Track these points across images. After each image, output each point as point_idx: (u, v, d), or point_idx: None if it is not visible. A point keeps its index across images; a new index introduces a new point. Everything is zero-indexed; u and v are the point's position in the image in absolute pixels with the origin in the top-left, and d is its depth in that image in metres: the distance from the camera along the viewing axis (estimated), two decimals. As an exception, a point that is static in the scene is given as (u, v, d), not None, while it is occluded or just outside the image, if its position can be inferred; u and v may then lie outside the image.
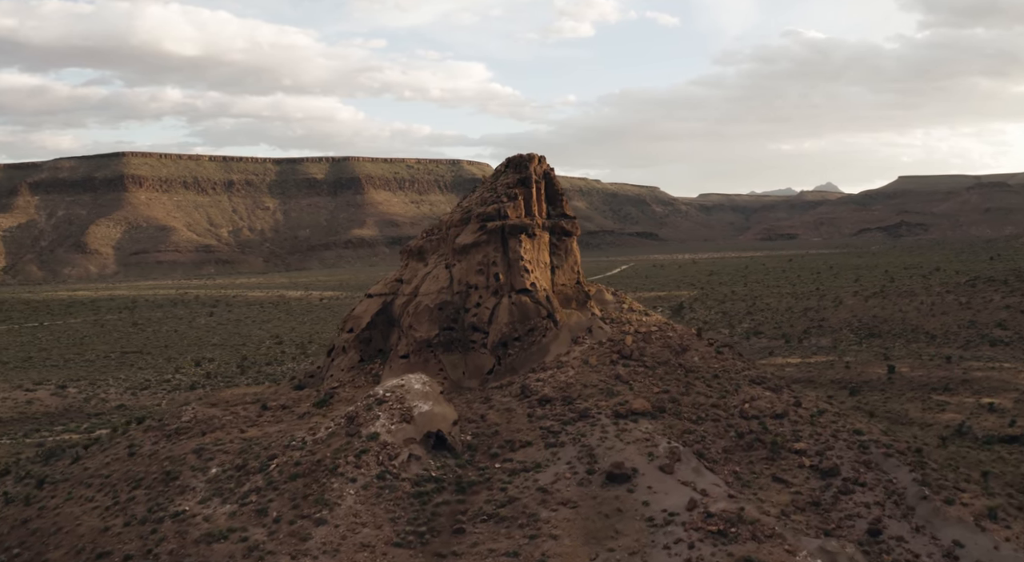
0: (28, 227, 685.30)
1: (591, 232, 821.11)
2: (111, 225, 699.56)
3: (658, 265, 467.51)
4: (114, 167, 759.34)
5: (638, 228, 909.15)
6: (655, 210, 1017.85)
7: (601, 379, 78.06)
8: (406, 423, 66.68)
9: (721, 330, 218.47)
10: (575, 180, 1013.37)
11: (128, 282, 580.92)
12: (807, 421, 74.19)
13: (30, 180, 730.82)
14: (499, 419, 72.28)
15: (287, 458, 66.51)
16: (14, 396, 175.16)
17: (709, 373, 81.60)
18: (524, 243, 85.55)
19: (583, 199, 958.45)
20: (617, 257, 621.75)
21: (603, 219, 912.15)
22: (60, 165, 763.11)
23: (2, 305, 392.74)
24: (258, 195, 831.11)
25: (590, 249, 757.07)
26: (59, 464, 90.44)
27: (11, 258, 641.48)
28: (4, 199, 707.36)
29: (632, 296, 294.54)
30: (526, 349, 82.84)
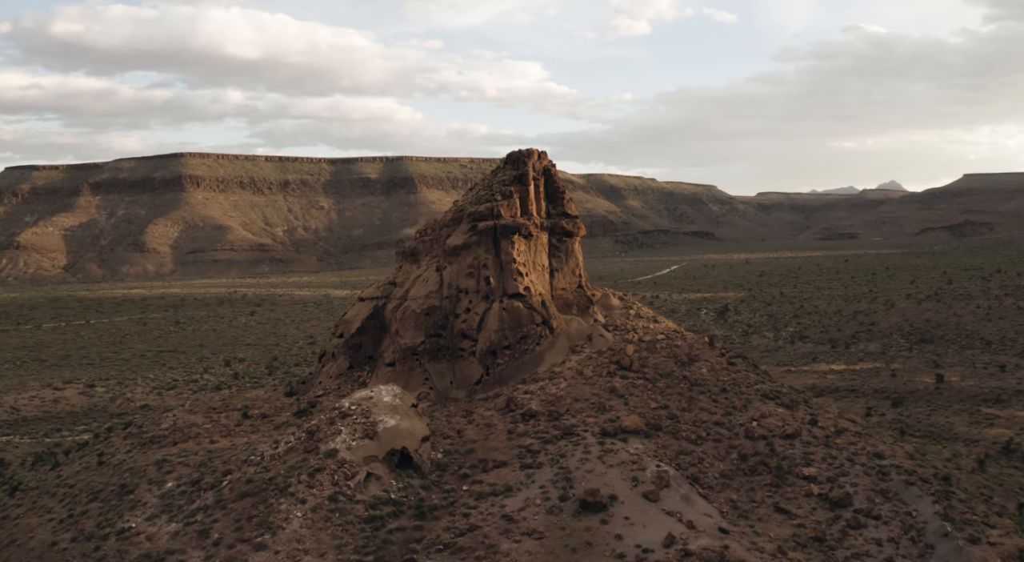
0: (89, 226, 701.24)
1: (645, 231, 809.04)
2: (169, 224, 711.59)
3: (710, 265, 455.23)
4: (172, 167, 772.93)
5: (694, 227, 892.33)
6: (712, 209, 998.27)
7: (594, 392, 71.48)
8: (368, 439, 61.10)
9: (765, 334, 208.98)
10: (630, 179, 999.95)
11: (183, 281, 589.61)
12: (821, 442, 66.55)
13: (92, 180, 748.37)
14: (477, 435, 66.25)
15: (241, 474, 61.61)
16: (42, 394, 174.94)
17: (717, 387, 74.33)
18: (518, 244, 79.32)
19: (638, 198, 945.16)
20: (670, 257, 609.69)
21: (658, 218, 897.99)
22: (121, 166, 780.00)
23: (56, 303, 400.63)
24: (313, 195, 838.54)
25: (644, 248, 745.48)
26: (40, 470, 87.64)
27: (72, 257, 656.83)
28: (67, 199, 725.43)
29: (677, 297, 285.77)
30: (517, 358, 76.62)
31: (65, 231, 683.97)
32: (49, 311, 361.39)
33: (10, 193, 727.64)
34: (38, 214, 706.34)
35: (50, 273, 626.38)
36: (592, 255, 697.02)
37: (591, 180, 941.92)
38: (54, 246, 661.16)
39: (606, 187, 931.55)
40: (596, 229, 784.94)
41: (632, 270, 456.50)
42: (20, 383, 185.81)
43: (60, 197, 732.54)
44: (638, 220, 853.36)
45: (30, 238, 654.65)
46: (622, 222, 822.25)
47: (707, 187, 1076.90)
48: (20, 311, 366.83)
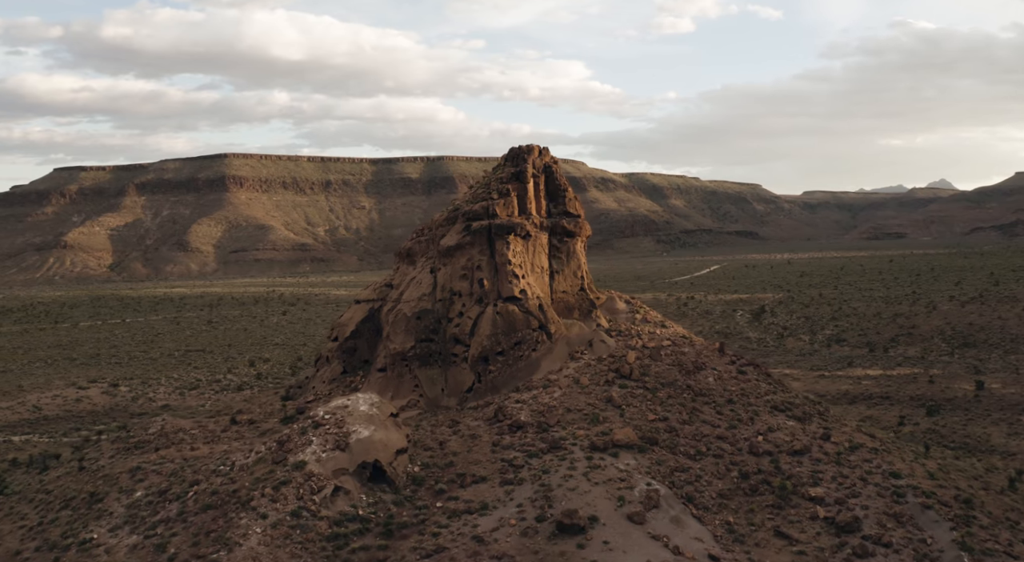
0: (134, 226, 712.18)
1: (687, 231, 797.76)
2: (212, 224, 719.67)
3: (750, 265, 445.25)
4: (216, 168, 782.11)
5: (737, 226, 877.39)
6: (756, 208, 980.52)
7: (589, 402, 67.06)
8: (340, 451, 57.51)
9: (801, 336, 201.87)
10: (673, 178, 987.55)
11: (225, 280, 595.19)
12: (832, 459, 61.32)
13: (137, 181, 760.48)
14: (460, 447, 62.27)
15: (208, 485, 58.51)
16: (66, 393, 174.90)
17: (723, 397, 69.35)
18: (514, 245, 75.12)
19: (680, 197, 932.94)
20: (712, 256, 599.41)
21: (701, 217, 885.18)
22: (165, 167, 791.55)
23: (97, 301, 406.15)
24: (354, 195, 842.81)
25: (686, 248, 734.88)
26: (30, 474, 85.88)
27: (118, 256, 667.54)
28: (113, 199, 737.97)
29: (712, 298, 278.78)
30: (511, 365, 72.43)
31: (111, 231, 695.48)
32: (89, 310, 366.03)
33: (58, 194, 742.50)
34: (85, 214, 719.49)
35: (96, 272, 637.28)
36: (633, 255, 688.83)
37: (633, 179, 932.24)
38: (100, 246, 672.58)
39: (648, 186, 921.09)
40: (637, 229, 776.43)
41: (671, 270, 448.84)
42: (46, 381, 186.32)
43: (106, 197, 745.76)
44: (681, 219, 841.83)
45: (77, 238, 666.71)
46: (664, 221, 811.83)
47: (752, 186, 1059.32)
48: (61, 309, 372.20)
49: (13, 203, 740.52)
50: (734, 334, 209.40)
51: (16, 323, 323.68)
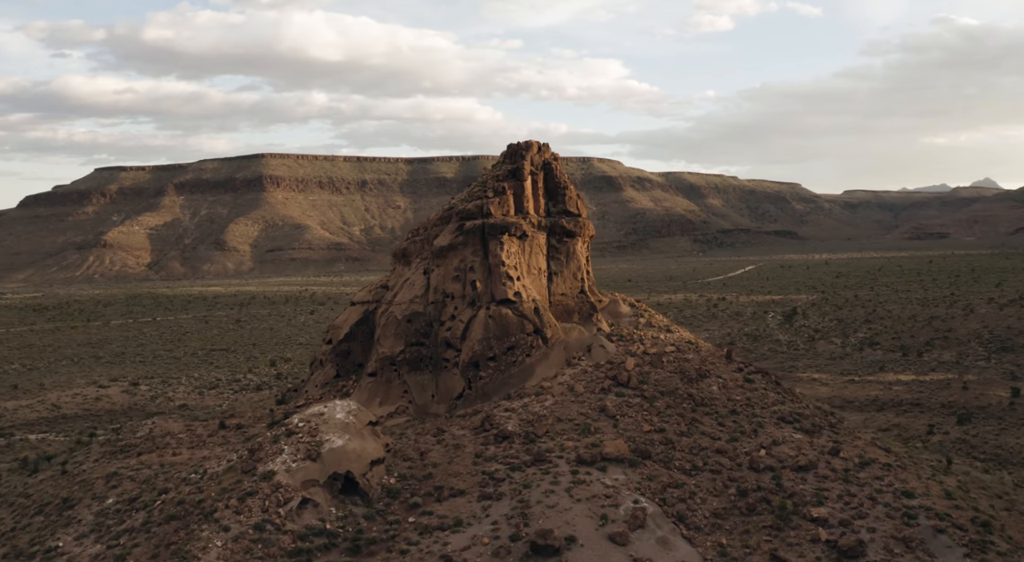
0: (173, 225, 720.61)
1: (725, 230, 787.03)
2: (249, 223, 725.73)
3: (787, 266, 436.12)
4: (254, 168, 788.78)
5: (776, 226, 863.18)
6: (795, 208, 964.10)
7: (582, 412, 63.38)
8: (311, 461, 54.60)
9: (833, 339, 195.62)
10: (711, 177, 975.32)
11: (260, 279, 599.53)
12: (840, 476, 56.96)
13: (176, 181, 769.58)
14: (441, 458, 59.01)
15: (175, 494, 56.01)
16: (86, 392, 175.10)
17: (726, 407, 65.22)
18: (508, 245, 71.63)
19: (718, 196, 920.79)
20: (749, 256, 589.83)
21: (739, 217, 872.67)
22: (204, 167, 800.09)
23: (133, 300, 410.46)
24: (390, 194, 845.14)
25: (723, 248, 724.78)
26: (21, 475, 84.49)
27: (156, 255, 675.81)
28: (152, 199, 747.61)
29: (744, 299, 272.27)
30: (503, 371, 68.98)
31: (150, 230, 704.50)
32: (122, 308, 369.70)
33: (99, 193, 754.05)
34: (125, 213, 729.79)
35: (135, 271, 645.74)
36: (668, 255, 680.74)
37: (670, 178, 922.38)
38: (139, 244, 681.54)
39: (685, 185, 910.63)
40: (674, 228, 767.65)
41: (705, 270, 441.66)
42: (68, 380, 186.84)
43: (146, 197, 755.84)
44: (718, 219, 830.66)
45: (116, 237, 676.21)
46: (701, 221, 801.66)
47: (791, 185, 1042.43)
48: (95, 307, 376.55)
49: (55, 203, 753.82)
50: (764, 336, 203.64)
51: (50, 321, 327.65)
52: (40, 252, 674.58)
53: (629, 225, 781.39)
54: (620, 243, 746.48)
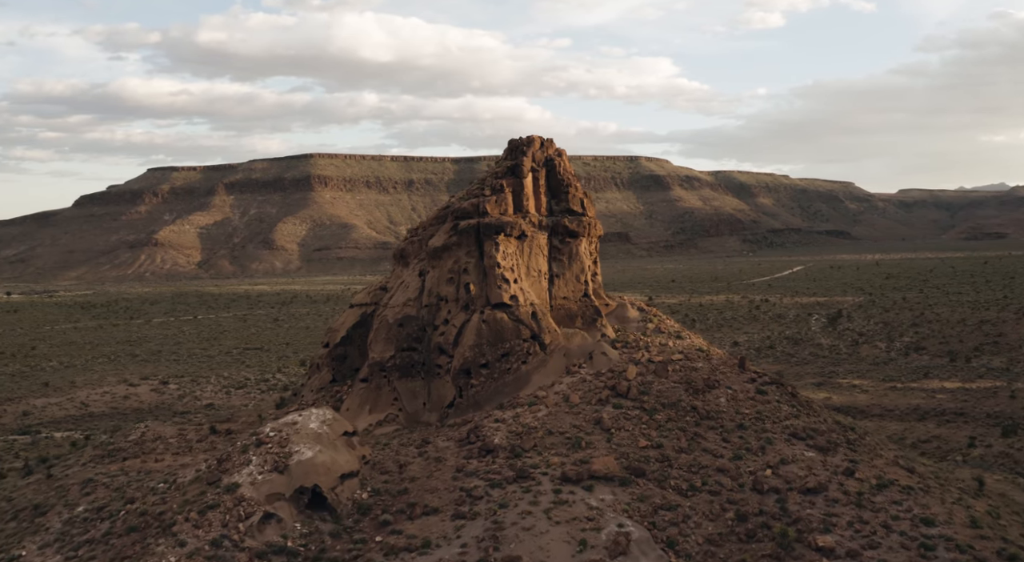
0: (223, 225, 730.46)
1: (775, 230, 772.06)
2: (297, 223, 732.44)
3: (836, 266, 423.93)
4: (302, 168, 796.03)
5: (828, 226, 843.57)
6: (848, 207, 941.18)
7: (575, 424, 59.16)
8: (278, 473, 51.41)
9: (877, 343, 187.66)
10: (761, 176, 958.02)
11: (307, 277, 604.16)
12: (852, 500, 51.88)
13: (226, 181, 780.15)
14: (420, 471, 55.37)
15: (140, 505, 53.36)
16: (116, 390, 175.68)
17: (733, 421, 60.39)
18: (504, 246, 67.64)
19: (769, 196, 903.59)
20: (799, 257, 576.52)
21: (790, 216, 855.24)
22: (253, 167, 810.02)
23: (179, 298, 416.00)
24: (436, 193, 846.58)
25: (773, 248, 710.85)
26: (16, 478, 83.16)
27: (206, 253, 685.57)
28: (203, 198, 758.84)
29: (788, 301, 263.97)
30: (497, 379, 65.03)
31: (200, 229, 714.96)
32: (167, 306, 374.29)
33: (151, 193, 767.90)
34: (176, 213, 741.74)
35: (185, 269, 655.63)
36: (716, 254, 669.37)
37: (719, 177, 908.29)
38: (189, 243, 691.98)
39: (735, 184, 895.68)
40: (722, 228, 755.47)
41: (752, 271, 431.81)
42: (99, 378, 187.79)
43: (197, 197, 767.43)
44: (768, 218, 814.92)
45: (167, 236, 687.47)
46: (751, 221, 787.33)
47: (844, 184, 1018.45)
48: (141, 305, 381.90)
49: (109, 202, 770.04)
50: (805, 340, 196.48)
51: (95, 318, 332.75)
52: (94, 250, 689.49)
53: (677, 224, 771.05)
54: (668, 243, 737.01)
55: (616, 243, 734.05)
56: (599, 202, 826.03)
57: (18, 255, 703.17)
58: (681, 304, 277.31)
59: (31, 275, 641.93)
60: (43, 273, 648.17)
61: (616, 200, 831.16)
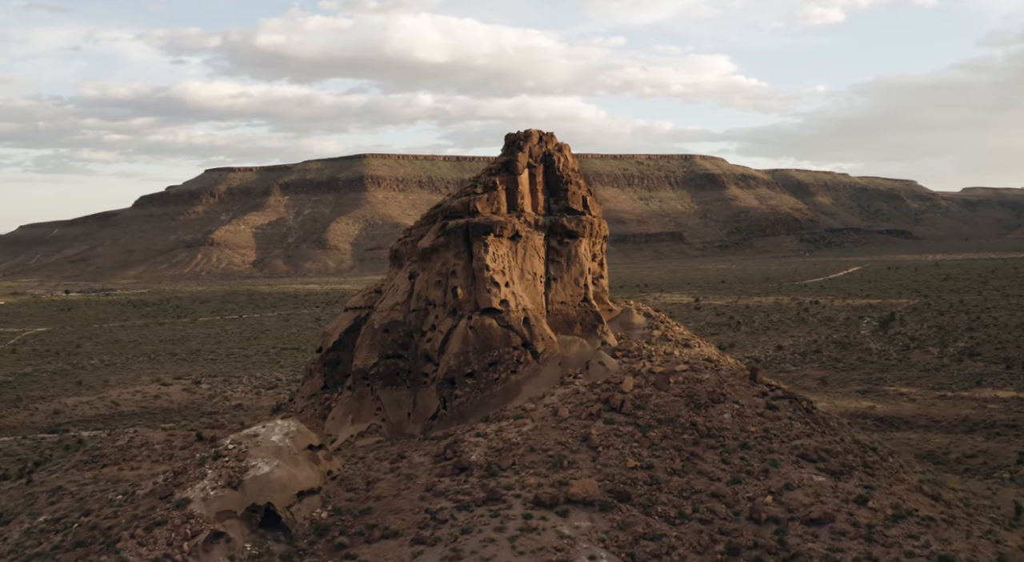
0: (277, 224, 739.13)
1: (833, 230, 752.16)
2: (350, 222, 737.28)
3: (893, 267, 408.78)
4: (356, 168, 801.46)
5: (889, 225, 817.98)
6: (910, 206, 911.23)
7: (561, 441, 54.49)
8: (231, 489, 47.97)
9: (930, 349, 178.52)
10: (820, 174, 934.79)
11: (359, 277, 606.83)
12: (861, 534, 46.22)
13: (281, 181, 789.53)
14: (388, 490, 51.38)
15: (94, 518, 50.53)
16: (148, 390, 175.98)
17: (736, 440, 55.02)
18: (494, 247, 63.22)
19: (828, 194, 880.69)
20: (857, 257, 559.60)
21: (849, 216, 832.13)
22: (308, 167, 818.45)
23: (229, 296, 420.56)
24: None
25: (831, 248, 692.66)
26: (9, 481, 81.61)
27: (261, 253, 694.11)
28: (258, 199, 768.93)
29: (839, 303, 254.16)
30: (483, 389, 60.68)
31: (255, 229, 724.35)
32: (215, 305, 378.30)
33: (208, 193, 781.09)
34: (232, 213, 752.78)
35: (240, 268, 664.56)
36: (772, 255, 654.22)
37: (776, 176, 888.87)
38: (245, 243, 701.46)
39: (793, 183, 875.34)
40: (779, 227, 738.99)
41: (806, 271, 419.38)
42: (134, 377, 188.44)
43: (252, 197, 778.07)
44: (827, 218, 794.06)
45: (223, 235, 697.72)
46: (808, 220, 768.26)
47: (905, 182, 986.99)
48: (191, 305, 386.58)
49: (167, 202, 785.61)
50: (853, 344, 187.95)
51: (143, 317, 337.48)
52: (152, 250, 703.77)
53: (732, 224, 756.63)
54: (722, 242, 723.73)
55: (669, 243, 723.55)
56: (652, 201, 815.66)
57: (79, 254, 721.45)
58: (727, 306, 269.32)
59: (91, 274, 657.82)
60: (103, 272, 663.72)
61: (670, 199, 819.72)
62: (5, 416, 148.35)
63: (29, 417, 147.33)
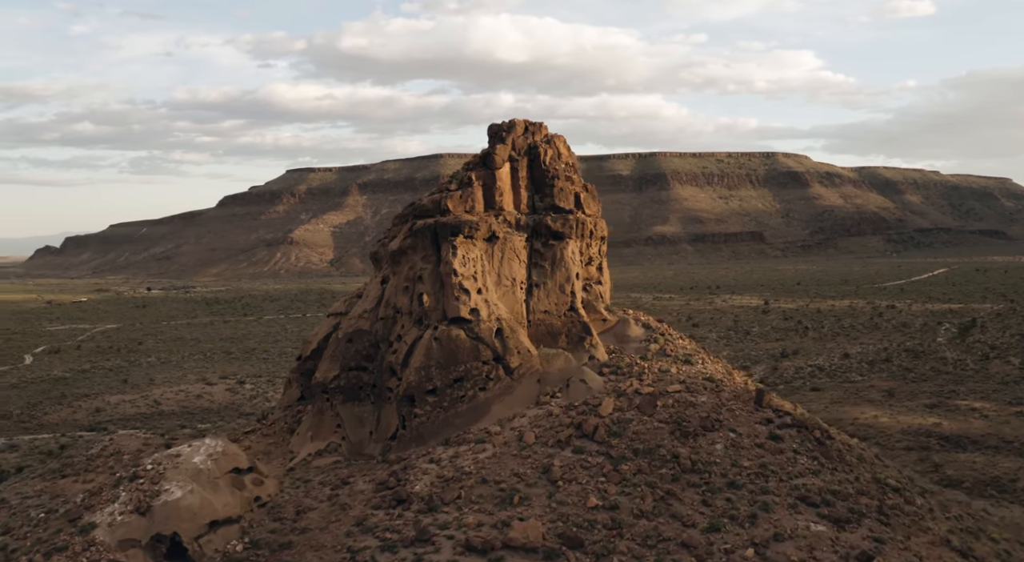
0: (355, 224, 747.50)
1: (922, 229, 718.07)
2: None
3: (982, 269, 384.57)
4: (432, 168, 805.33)
5: (982, 225, 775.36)
6: (1004, 205, 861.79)
7: (518, 472, 47.56)
8: (139, 515, 43.08)
9: (1011, 359, 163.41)
10: (909, 172, 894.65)
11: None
12: (856, 598, 38.03)
13: (359, 181, 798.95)
14: (318, 521, 45.50)
15: (10, 538, 46.50)
16: (192, 389, 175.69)
17: (726, 477, 47.08)
18: (464, 250, 56.61)
19: (917, 193, 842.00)
20: (946, 258, 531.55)
21: (939, 215, 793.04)
22: (386, 167, 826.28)
23: (302, 295, 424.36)
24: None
25: (919, 249, 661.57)
26: None
27: (338, 252, 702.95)
28: (337, 198, 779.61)
29: (917, 308, 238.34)
30: (447, 408, 54.22)
31: (333, 228, 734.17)
32: (284, 304, 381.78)
33: (288, 193, 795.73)
34: (311, 212, 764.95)
35: (317, 267, 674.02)
36: (857, 255, 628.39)
37: (863, 174, 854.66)
38: (323, 242, 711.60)
39: (880, 181, 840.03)
40: (864, 227, 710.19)
41: (889, 273, 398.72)
42: (180, 376, 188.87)
43: (332, 196, 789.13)
44: (915, 217, 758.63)
45: (303, 234, 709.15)
46: (896, 219, 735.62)
47: (1000, 180, 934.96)
48: (261, 303, 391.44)
49: (249, 202, 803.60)
50: (927, 353, 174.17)
51: (211, 314, 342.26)
52: (234, 248, 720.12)
53: (815, 223, 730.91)
54: (805, 243, 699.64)
55: (749, 243, 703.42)
56: (732, 200, 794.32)
57: (165, 252, 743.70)
58: (797, 309, 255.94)
59: (175, 272, 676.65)
60: (186, 270, 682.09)
61: (750, 198, 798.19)
62: (48, 413, 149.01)
63: (71, 414, 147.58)
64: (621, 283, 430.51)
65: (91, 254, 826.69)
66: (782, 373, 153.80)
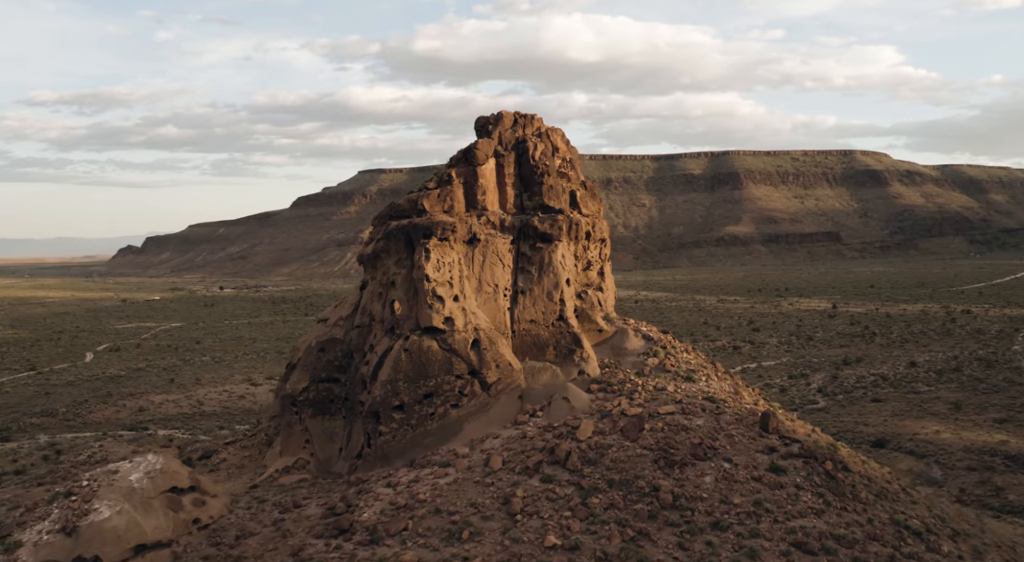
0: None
1: (1008, 230, 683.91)
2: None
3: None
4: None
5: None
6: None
7: (475, 502, 42.62)
8: (65, 536, 40.04)
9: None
10: (995, 170, 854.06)
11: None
12: None
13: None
14: (256, 548, 41.51)
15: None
16: (236, 389, 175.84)
17: (711, 515, 41.24)
18: (438, 253, 51.91)
19: (1003, 192, 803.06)
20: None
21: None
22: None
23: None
24: (634, 192, 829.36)
25: (1005, 250, 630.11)
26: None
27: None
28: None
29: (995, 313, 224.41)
30: (415, 426, 49.64)
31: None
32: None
33: (360, 194, 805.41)
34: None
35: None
36: (939, 256, 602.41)
37: (946, 172, 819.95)
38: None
39: (963, 179, 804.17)
40: (946, 227, 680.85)
41: (969, 275, 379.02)
42: (227, 376, 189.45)
43: (401, 197, 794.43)
44: (1001, 217, 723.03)
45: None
46: (980, 219, 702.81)
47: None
48: (326, 302, 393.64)
49: (322, 203, 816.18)
50: (1002, 362, 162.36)
51: (274, 314, 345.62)
52: (306, 248, 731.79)
53: (894, 223, 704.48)
54: (883, 243, 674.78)
55: (825, 243, 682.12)
56: (808, 199, 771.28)
57: (240, 252, 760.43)
58: (866, 314, 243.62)
59: (249, 271, 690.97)
60: (259, 269, 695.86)
61: (827, 197, 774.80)
62: (93, 411, 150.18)
63: (115, 413, 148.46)
64: (688, 285, 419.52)
65: (171, 253, 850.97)
66: (842, 382, 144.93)
